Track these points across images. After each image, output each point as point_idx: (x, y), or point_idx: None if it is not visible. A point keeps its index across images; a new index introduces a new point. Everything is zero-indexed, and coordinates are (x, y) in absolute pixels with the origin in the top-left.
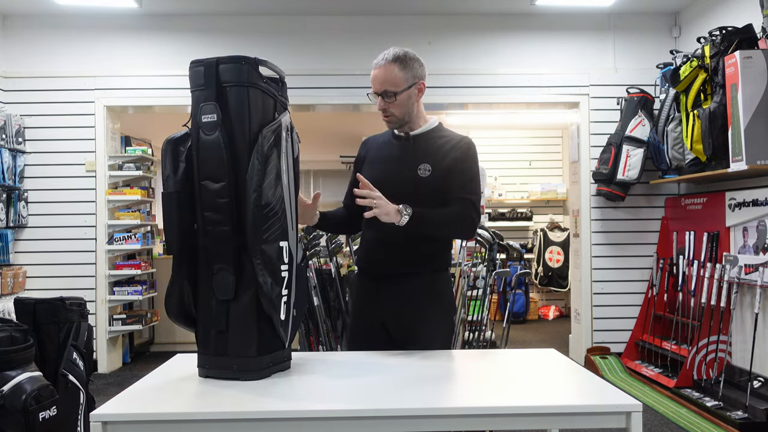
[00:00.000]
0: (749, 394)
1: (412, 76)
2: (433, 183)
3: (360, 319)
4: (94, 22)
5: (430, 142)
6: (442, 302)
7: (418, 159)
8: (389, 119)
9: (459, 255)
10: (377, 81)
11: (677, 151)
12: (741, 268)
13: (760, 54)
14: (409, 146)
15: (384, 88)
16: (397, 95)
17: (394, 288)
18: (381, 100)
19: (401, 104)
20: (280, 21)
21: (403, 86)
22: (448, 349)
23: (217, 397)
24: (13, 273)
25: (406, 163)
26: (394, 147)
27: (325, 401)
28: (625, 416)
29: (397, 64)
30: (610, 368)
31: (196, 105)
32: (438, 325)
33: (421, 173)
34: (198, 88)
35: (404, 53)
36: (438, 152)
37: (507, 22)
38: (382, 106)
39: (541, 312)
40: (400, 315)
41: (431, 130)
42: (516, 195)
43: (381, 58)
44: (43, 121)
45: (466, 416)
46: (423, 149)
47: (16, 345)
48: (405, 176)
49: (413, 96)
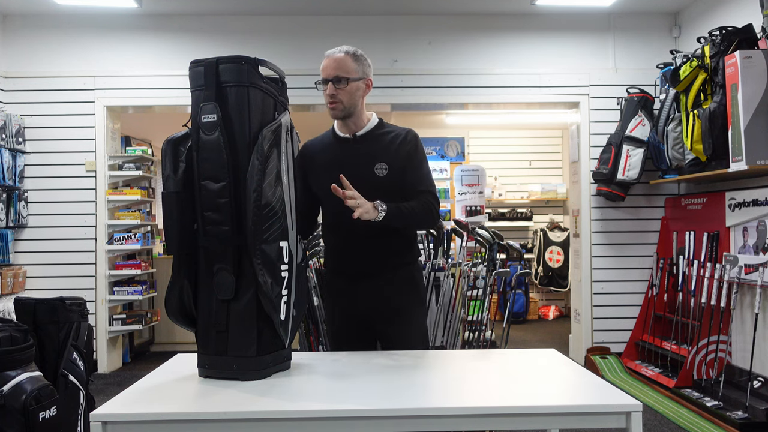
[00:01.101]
0: (749, 394)
1: (363, 71)
2: (391, 180)
3: (340, 318)
4: (94, 22)
5: (378, 140)
6: (417, 290)
7: (372, 158)
8: (335, 106)
9: (459, 255)
10: (329, 67)
11: (677, 151)
12: (741, 268)
13: (760, 54)
14: (357, 147)
15: (336, 73)
16: (349, 81)
17: (372, 284)
18: (331, 86)
19: (350, 93)
20: (280, 21)
21: (354, 76)
22: (426, 334)
23: (217, 397)
24: (13, 273)
25: (361, 164)
26: (341, 149)
27: (325, 401)
28: (625, 416)
29: (351, 56)
30: (610, 368)
31: (196, 105)
32: (416, 313)
33: (378, 172)
34: (198, 88)
35: (357, 50)
36: (389, 149)
37: (507, 22)
38: (331, 91)
39: (541, 312)
40: (380, 309)
41: (375, 128)
42: (516, 195)
43: (334, 49)
44: (43, 121)
45: (466, 416)
46: (373, 148)
47: (16, 345)
48: (363, 177)
49: (361, 89)
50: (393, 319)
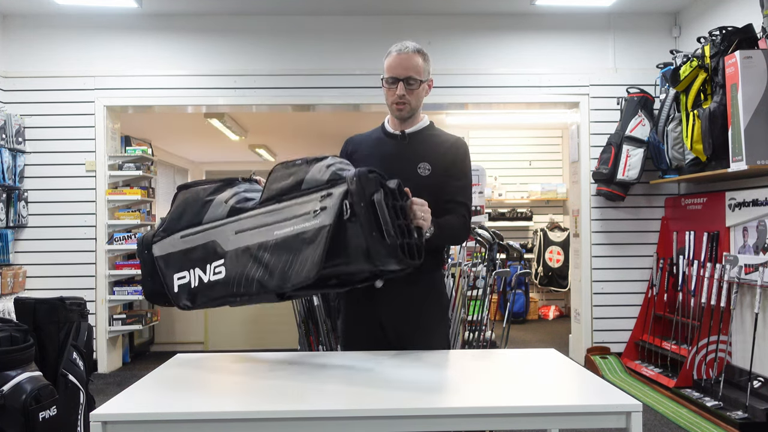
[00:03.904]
0: (749, 394)
1: (428, 72)
2: (432, 182)
3: (356, 320)
4: (94, 22)
5: (426, 141)
6: (441, 301)
7: (417, 157)
8: (403, 108)
9: (459, 255)
10: (401, 66)
11: (677, 151)
12: (741, 268)
13: (760, 54)
14: (405, 144)
15: (409, 73)
16: (421, 83)
17: (392, 288)
18: (402, 86)
19: (419, 95)
20: (279, 21)
21: (424, 77)
22: (448, 347)
23: (217, 397)
24: (13, 273)
25: (405, 161)
26: (388, 145)
27: (325, 401)
28: (625, 416)
29: (421, 55)
30: (610, 368)
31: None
32: (439, 324)
33: (421, 172)
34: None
35: (423, 49)
36: (436, 151)
37: (507, 22)
38: (401, 92)
39: (541, 312)
40: (400, 315)
41: (425, 128)
42: (516, 195)
43: (402, 46)
44: (43, 121)
45: (466, 416)
46: (420, 147)
47: (16, 345)
48: (405, 174)
49: (425, 90)
50: (412, 331)
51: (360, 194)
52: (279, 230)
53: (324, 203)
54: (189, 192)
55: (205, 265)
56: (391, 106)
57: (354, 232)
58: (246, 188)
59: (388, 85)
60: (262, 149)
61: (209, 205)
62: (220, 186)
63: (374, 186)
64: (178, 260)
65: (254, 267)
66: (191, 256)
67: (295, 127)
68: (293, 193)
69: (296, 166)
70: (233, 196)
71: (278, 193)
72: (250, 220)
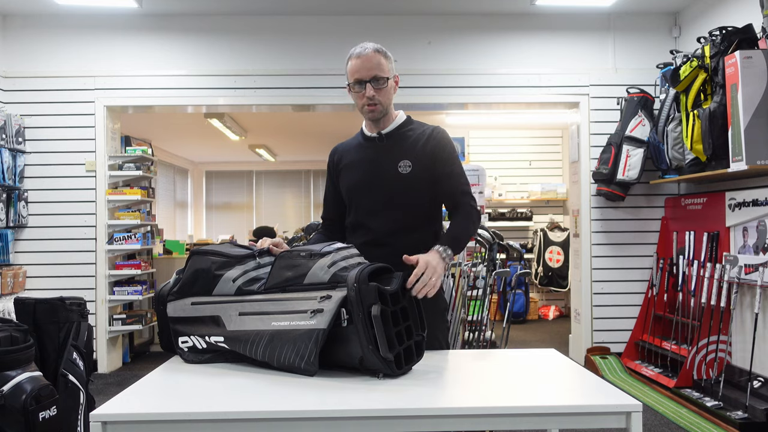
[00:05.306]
0: (749, 394)
1: (392, 69)
2: (415, 178)
3: None
4: (94, 22)
5: (404, 138)
6: (439, 302)
7: (396, 156)
8: (374, 109)
9: (459, 255)
10: (365, 68)
11: (677, 151)
12: (741, 268)
13: (760, 54)
14: (383, 146)
15: (374, 73)
16: (388, 80)
17: None
18: (370, 87)
19: (387, 93)
20: (280, 21)
21: (390, 74)
22: (447, 348)
23: (217, 397)
24: (13, 273)
25: (385, 162)
26: (368, 149)
27: (325, 401)
28: (625, 416)
29: (381, 53)
30: (610, 368)
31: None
32: (438, 325)
33: (402, 170)
34: None
35: (382, 47)
36: (414, 146)
37: (507, 22)
38: (371, 93)
39: (541, 312)
40: None
41: (401, 125)
42: (516, 195)
43: (362, 48)
44: (43, 121)
45: (466, 416)
46: (398, 146)
47: (16, 345)
48: (386, 175)
49: (393, 88)
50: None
51: (358, 305)
52: (277, 322)
53: (322, 305)
54: (201, 261)
55: (210, 337)
56: (362, 109)
57: (351, 334)
58: (255, 266)
59: (355, 90)
60: (262, 149)
61: (218, 279)
62: (229, 262)
63: (373, 297)
64: (185, 324)
65: (251, 349)
66: (197, 325)
67: (295, 127)
68: (296, 285)
69: (301, 258)
70: (242, 275)
71: (283, 281)
72: (254, 304)
